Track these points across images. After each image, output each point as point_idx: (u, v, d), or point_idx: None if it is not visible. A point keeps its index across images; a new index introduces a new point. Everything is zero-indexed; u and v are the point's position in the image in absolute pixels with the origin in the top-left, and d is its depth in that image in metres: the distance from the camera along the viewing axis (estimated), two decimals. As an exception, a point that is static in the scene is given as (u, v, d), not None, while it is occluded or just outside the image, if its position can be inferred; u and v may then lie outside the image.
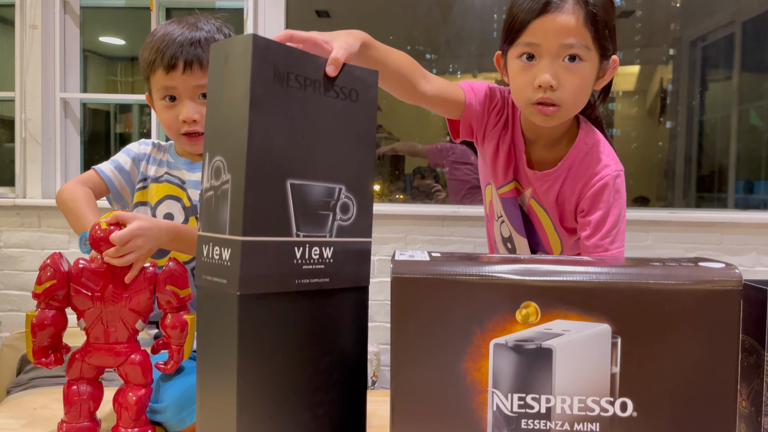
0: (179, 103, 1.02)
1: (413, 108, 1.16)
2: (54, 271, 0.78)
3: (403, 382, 0.61)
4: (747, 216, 1.96)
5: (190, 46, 0.99)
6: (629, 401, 0.59)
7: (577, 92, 0.98)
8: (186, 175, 1.06)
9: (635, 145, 3.38)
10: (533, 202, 1.13)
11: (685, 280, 0.59)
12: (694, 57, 3.30)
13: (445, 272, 0.61)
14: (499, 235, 1.24)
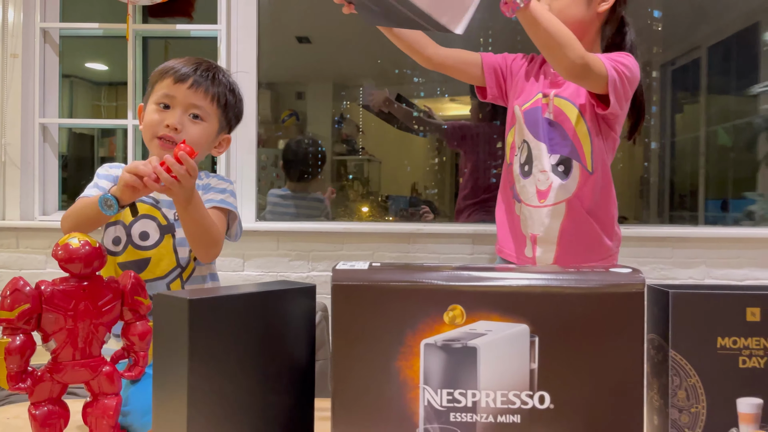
0: (171, 111, 1.09)
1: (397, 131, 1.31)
2: (27, 294, 0.80)
3: (342, 380, 0.66)
4: (697, 231, 2.07)
5: (203, 74, 1.11)
6: (546, 394, 0.65)
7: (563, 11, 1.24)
8: (159, 195, 1.11)
9: (621, 165, 3.46)
10: (558, 99, 1.29)
11: (595, 284, 0.65)
12: (665, 80, 3.41)
13: (380, 279, 0.67)
14: (518, 169, 1.35)
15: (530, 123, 1.32)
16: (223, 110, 1.15)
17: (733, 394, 0.66)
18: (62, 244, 0.85)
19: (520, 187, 1.33)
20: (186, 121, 1.10)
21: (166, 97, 1.09)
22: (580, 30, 1.26)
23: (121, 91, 3.04)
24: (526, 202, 1.32)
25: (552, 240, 1.30)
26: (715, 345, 0.66)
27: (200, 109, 1.11)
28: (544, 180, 1.28)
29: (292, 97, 3.69)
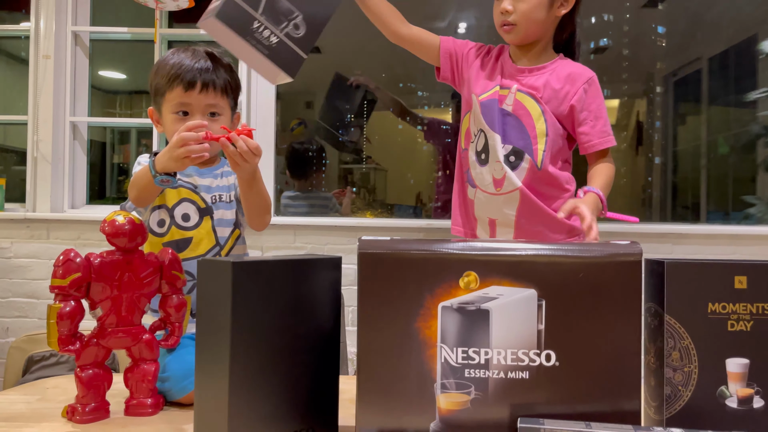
0: (190, 117, 1.15)
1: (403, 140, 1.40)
2: (79, 264, 0.87)
3: (367, 339, 0.73)
4: (695, 228, 2.17)
5: (206, 72, 1.15)
6: (552, 353, 0.72)
7: (528, 13, 1.32)
8: (197, 180, 1.18)
9: (624, 180, 3.52)
10: (520, 94, 1.37)
11: (596, 254, 0.72)
12: (667, 91, 3.48)
13: (402, 248, 0.74)
14: (474, 156, 1.42)
15: (486, 114, 1.39)
16: (231, 96, 1.21)
17: (723, 355, 0.73)
18: (109, 221, 0.93)
19: (476, 174, 1.41)
20: (208, 122, 1.14)
21: (182, 105, 1.15)
22: (541, 31, 1.38)
23: (135, 99, 3.13)
24: (482, 188, 1.39)
25: (510, 224, 1.39)
26: (706, 310, 0.73)
27: (216, 107, 1.17)
28: (499, 169, 1.36)
29: (302, 106, 3.78)
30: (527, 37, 1.37)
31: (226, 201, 1.20)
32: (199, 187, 1.19)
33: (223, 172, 1.22)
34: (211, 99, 1.15)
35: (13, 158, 2.58)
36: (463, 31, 3.38)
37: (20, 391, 1.04)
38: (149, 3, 2.14)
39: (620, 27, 3.25)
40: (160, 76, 1.16)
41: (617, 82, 3.42)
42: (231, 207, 1.20)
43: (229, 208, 1.20)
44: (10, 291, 2.16)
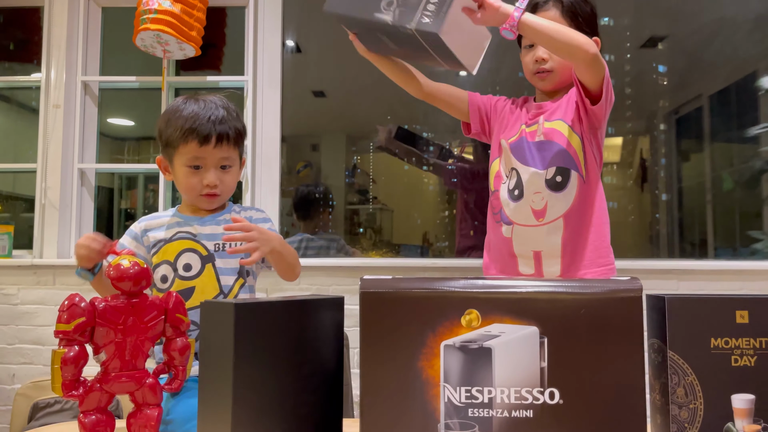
0: (203, 170, 1.17)
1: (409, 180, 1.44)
2: (83, 308, 0.88)
3: (370, 379, 0.73)
4: (701, 264, 2.17)
5: (219, 123, 1.16)
6: (556, 391, 0.71)
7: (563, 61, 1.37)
8: (198, 228, 1.20)
9: (632, 218, 3.52)
10: (548, 123, 1.41)
11: (597, 290, 0.72)
12: (669, 128, 3.51)
13: (403, 287, 0.74)
14: (507, 194, 1.44)
15: (517, 152, 1.43)
16: (241, 145, 1.23)
17: (728, 390, 0.72)
18: (114, 265, 0.94)
19: (510, 211, 1.42)
20: (221, 174, 1.19)
21: (195, 160, 1.17)
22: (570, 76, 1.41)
23: (143, 146, 3.19)
24: (520, 223, 1.41)
25: (556, 253, 1.39)
26: (709, 345, 0.73)
27: (228, 159, 1.20)
28: (539, 200, 1.38)
29: (308, 149, 3.83)
30: (561, 82, 1.43)
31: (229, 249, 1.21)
32: (198, 235, 1.21)
33: (224, 219, 1.23)
34: (224, 152, 1.18)
35: (22, 206, 2.62)
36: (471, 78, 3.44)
37: (23, 438, 1.04)
38: (157, 52, 2.20)
39: (621, 67, 3.31)
40: (172, 128, 1.17)
41: (619, 120, 3.46)
42: (235, 256, 1.20)
43: (233, 256, 1.20)
44: (16, 337, 2.16)
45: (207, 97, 1.22)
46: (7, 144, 2.67)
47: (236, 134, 1.19)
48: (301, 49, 3.03)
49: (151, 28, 2.03)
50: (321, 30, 3.03)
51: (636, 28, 3.19)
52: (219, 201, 1.25)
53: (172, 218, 1.24)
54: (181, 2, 2.10)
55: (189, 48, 2.16)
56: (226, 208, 1.27)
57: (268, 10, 2.40)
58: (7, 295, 2.17)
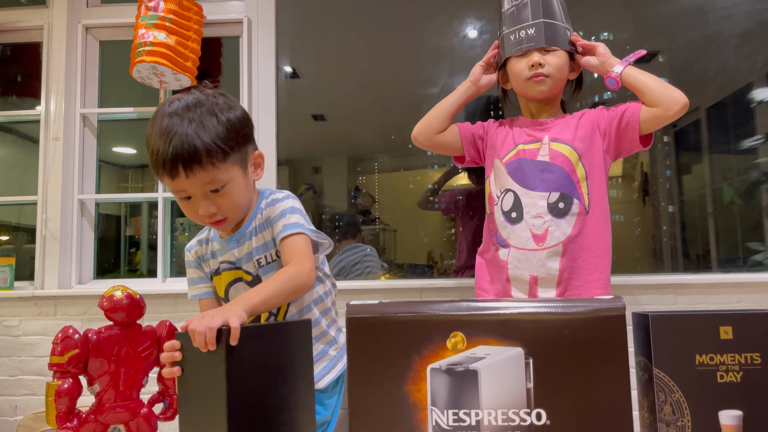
0: (193, 200, 1.04)
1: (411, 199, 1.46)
2: (77, 340, 0.90)
3: (358, 404, 0.73)
4: (698, 278, 2.16)
5: (184, 155, 0.98)
6: (543, 411, 0.71)
7: (560, 67, 1.44)
8: (235, 254, 1.13)
9: (637, 231, 3.52)
10: (554, 144, 1.43)
11: (580, 310, 0.73)
12: (669, 142, 3.52)
13: (389, 312, 0.75)
14: (502, 216, 1.46)
15: (514, 173, 1.44)
16: (230, 151, 1.03)
17: (715, 407, 0.73)
18: (107, 296, 0.95)
19: (507, 234, 1.43)
20: (214, 198, 1.04)
21: (179, 192, 1.03)
22: (561, 88, 1.52)
23: (147, 173, 3.22)
24: (519, 246, 1.40)
25: (552, 280, 1.39)
26: (694, 362, 0.73)
27: (214, 182, 1.02)
28: (540, 224, 1.38)
29: (309, 172, 3.85)
30: (554, 89, 1.47)
31: (269, 262, 1.11)
32: (239, 260, 1.13)
33: (255, 228, 1.13)
34: (204, 178, 1.01)
35: (25, 237, 2.65)
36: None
37: (21, 472, 1.05)
38: (153, 83, 2.24)
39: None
40: (149, 156, 1.04)
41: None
42: (276, 267, 1.10)
43: (272, 268, 1.10)
44: (18, 369, 2.17)
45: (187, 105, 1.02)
46: (12, 176, 2.71)
47: (216, 154, 1.00)
48: (299, 75, 3.07)
49: (147, 60, 2.07)
50: (318, 55, 3.07)
51: (633, 43, 3.22)
52: (231, 222, 1.11)
53: (215, 244, 1.17)
54: (176, 34, 2.13)
55: (184, 78, 2.20)
56: (247, 222, 1.14)
57: (262, 39, 2.44)
58: (8, 326, 2.18)
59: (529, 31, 1.43)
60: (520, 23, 1.45)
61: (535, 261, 1.39)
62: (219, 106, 1.04)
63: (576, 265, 1.38)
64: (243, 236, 1.13)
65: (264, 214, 1.12)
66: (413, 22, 2.78)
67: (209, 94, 1.06)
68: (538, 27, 1.43)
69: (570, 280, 1.38)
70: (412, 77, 1.40)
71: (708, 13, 2.86)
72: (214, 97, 1.05)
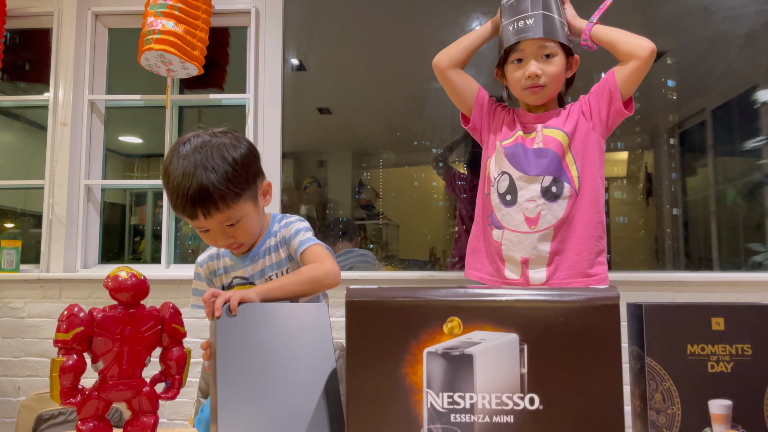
0: (211, 233, 1.13)
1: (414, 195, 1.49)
2: (82, 318, 0.91)
3: (355, 386, 0.75)
4: (696, 276, 2.19)
5: (201, 200, 1.07)
6: (536, 396, 0.73)
7: (556, 76, 1.46)
8: (248, 270, 1.21)
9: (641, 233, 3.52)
10: (546, 130, 1.47)
11: (575, 299, 0.74)
12: (673, 143, 3.52)
13: (387, 296, 0.76)
14: (498, 198, 1.49)
15: (511, 157, 1.48)
16: (242, 191, 1.12)
17: (705, 396, 0.74)
18: (112, 276, 0.96)
19: (502, 215, 1.46)
20: (230, 231, 1.13)
21: (198, 228, 1.13)
22: (559, 90, 1.53)
23: (153, 162, 3.24)
24: (511, 228, 1.44)
25: (543, 261, 1.42)
26: (686, 352, 0.75)
27: (230, 219, 1.12)
28: (533, 208, 1.41)
29: (314, 166, 3.87)
30: (551, 95, 1.50)
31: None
32: (251, 276, 1.21)
33: (267, 249, 1.23)
34: (220, 218, 1.10)
35: (30, 222, 2.67)
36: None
37: (25, 447, 1.06)
38: (161, 71, 2.25)
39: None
40: (167, 195, 1.13)
41: (626, 135, 3.47)
42: None
43: None
44: (22, 350, 2.20)
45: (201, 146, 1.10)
46: (19, 162, 2.74)
47: (229, 195, 1.09)
48: (306, 67, 3.08)
49: (155, 48, 2.08)
50: (324, 48, 3.08)
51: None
52: (246, 246, 1.21)
53: (227, 260, 1.25)
54: (184, 23, 2.15)
55: (192, 67, 2.21)
56: (267, 233, 1.24)
57: (269, 30, 2.46)
58: (13, 308, 2.22)
59: (528, 21, 1.45)
60: (519, 14, 1.47)
61: (527, 243, 1.42)
62: (227, 147, 1.11)
63: (565, 247, 1.42)
64: (257, 255, 1.21)
65: (279, 235, 1.22)
66: (420, 17, 2.79)
67: (218, 134, 1.13)
68: (537, 18, 1.44)
69: (560, 261, 1.42)
70: (418, 72, 1.42)
71: (714, 13, 2.86)
72: (222, 137, 1.13)
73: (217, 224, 1.11)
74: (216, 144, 1.11)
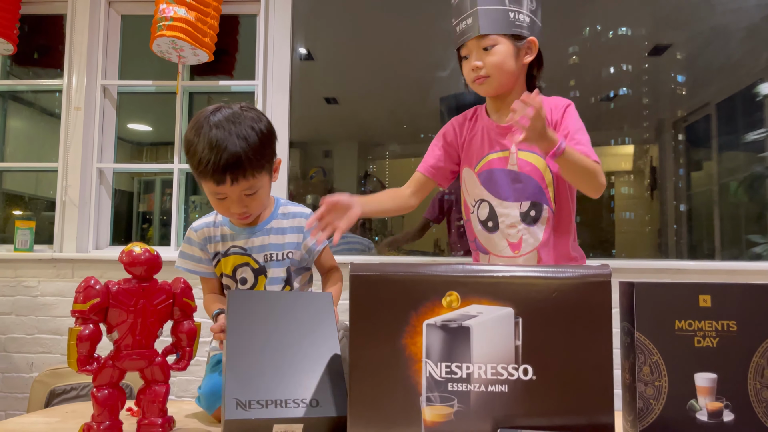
0: (228, 200, 1.17)
1: None
2: (98, 290, 0.95)
3: (358, 356, 0.79)
4: (692, 264, 2.21)
5: (233, 166, 1.11)
6: (530, 367, 0.77)
7: (499, 65, 1.38)
8: (248, 242, 1.25)
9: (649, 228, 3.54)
10: (522, 154, 1.41)
11: (568, 275, 0.77)
12: (678, 137, 3.53)
13: (389, 270, 0.80)
14: (478, 224, 1.47)
15: (488, 184, 1.44)
16: (265, 163, 1.17)
17: (691, 370, 0.77)
18: (127, 251, 1.00)
19: (486, 241, 1.45)
20: (246, 200, 1.18)
21: (217, 194, 1.17)
22: (513, 80, 1.43)
23: (161, 150, 3.29)
24: (497, 253, 1.44)
25: None
26: (674, 327, 0.78)
27: (251, 188, 1.17)
28: (515, 233, 1.40)
29: (320, 156, 3.90)
30: (500, 86, 1.42)
31: (278, 260, 1.25)
32: (250, 248, 1.25)
33: (272, 228, 1.28)
34: (243, 186, 1.15)
35: (43, 204, 2.73)
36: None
37: (42, 415, 1.11)
38: (172, 57, 2.29)
39: (627, 76, 3.34)
40: (191, 161, 1.16)
41: (633, 128, 3.49)
42: (282, 265, 1.26)
43: (280, 266, 1.26)
44: (36, 328, 2.25)
45: (231, 118, 1.14)
46: (30, 148, 2.79)
47: (256, 165, 1.15)
48: (314, 57, 3.11)
49: (167, 34, 2.12)
50: (333, 38, 3.10)
51: (649, 38, 3.23)
52: (253, 217, 1.27)
53: (226, 228, 1.28)
54: (196, 10, 2.18)
55: (202, 54, 2.25)
56: (272, 213, 1.30)
57: (278, 19, 2.49)
58: (27, 287, 2.27)
59: (468, 21, 1.40)
60: (461, 14, 1.43)
61: None
62: (255, 119, 1.17)
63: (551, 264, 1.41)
64: (260, 231, 1.25)
65: (290, 221, 1.30)
66: (428, 8, 2.81)
67: (244, 108, 1.19)
68: (474, 16, 1.39)
69: None
70: (425, 64, 1.43)
71: (716, 6, 2.87)
72: (248, 111, 1.18)
73: (238, 192, 1.15)
74: (246, 116, 1.16)
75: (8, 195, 2.77)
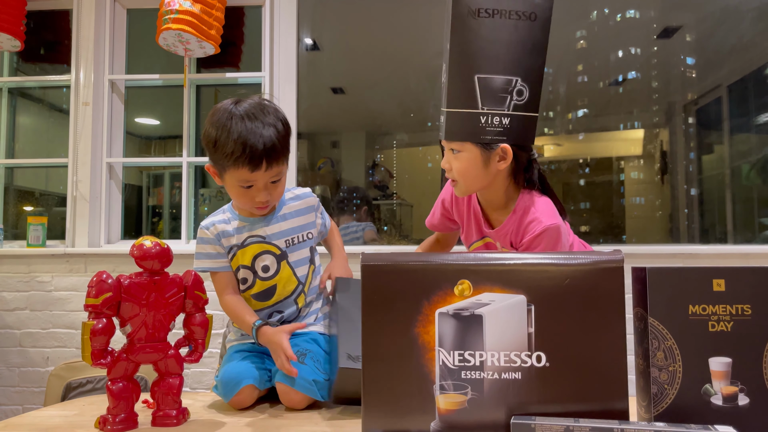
0: (254, 189, 1.19)
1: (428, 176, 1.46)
2: (110, 284, 0.95)
3: (371, 345, 0.79)
4: (703, 249, 2.18)
5: (270, 149, 1.15)
6: (543, 354, 0.77)
7: (463, 172, 1.29)
8: (265, 230, 1.25)
9: (660, 213, 3.52)
10: (504, 250, 1.34)
11: (581, 261, 0.77)
12: (689, 120, 3.50)
13: (401, 260, 0.80)
14: None
15: None
16: (289, 150, 1.23)
17: (705, 354, 0.77)
18: (137, 245, 1.01)
19: None
20: (271, 188, 1.21)
21: (247, 182, 1.18)
22: (484, 184, 1.30)
23: (169, 144, 3.30)
24: None
25: None
26: (687, 312, 0.77)
27: (278, 175, 1.20)
28: None
29: (328, 146, 3.90)
30: (470, 190, 1.33)
31: (300, 241, 1.27)
32: (269, 236, 1.26)
33: (286, 213, 1.29)
34: (274, 173, 1.18)
35: (54, 200, 2.75)
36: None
37: (58, 408, 1.12)
38: (178, 51, 2.29)
39: (636, 60, 3.31)
40: (221, 151, 1.16)
41: (642, 112, 3.46)
42: (305, 245, 1.28)
43: (303, 246, 1.28)
44: (50, 322, 2.28)
45: (255, 109, 1.18)
46: (39, 144, 2.81)
47: (286, 152, 1.19)
48: (320, 47, 3.10)
49: (173, 27, 2.12)
50: (339, 29, 3.09)
51: (659, 20, 3.19)
52: (272, 205, 1.28)
53: (238, 222, 1.28)
54: (201, 2, 2.18)
55: (209, 46, 2.25)
56: (281, 199, 1.31)
57: (284, 9, 2.48)
58: (41, 282, 2.29)
59: (441, 118, 1.29)
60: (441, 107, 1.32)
61: None
62: (275, 110, 1.22)
63: None
64: (274, 218, 1.27)
65: (300, 202, 1.33)
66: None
67: (264, 98, 1.24)
68: (444, 116, 1.27)
69: None
70: (431, 51, 1.41)
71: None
72: (269, 102, 1.23)
73: (267, 179, 1.18)
74: (269, 106, 1.21)
75: (19, 191, 2.79)
